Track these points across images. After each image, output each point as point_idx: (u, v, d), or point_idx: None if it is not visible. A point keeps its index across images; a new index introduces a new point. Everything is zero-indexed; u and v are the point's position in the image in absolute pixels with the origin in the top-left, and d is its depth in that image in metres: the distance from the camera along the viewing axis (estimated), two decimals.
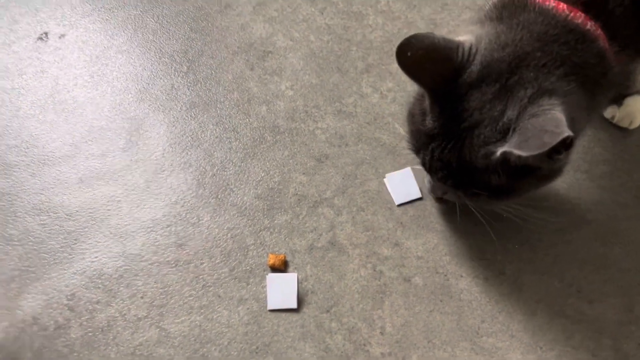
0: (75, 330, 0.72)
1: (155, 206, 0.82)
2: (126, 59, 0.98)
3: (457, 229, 0.79)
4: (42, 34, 1.01)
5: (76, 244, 0.79)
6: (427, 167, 0.67)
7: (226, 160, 0.86)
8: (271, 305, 0.73)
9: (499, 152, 0.58)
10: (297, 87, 0.94)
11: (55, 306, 0.74)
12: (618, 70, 0.66)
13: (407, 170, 0.84)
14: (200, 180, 0.84)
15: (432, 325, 0.72)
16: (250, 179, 0.85)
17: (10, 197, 0.83)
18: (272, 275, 0.75)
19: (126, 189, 0.84)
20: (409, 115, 0.70)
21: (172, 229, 0.80)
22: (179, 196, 0.83)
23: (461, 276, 0.76)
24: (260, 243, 0.79)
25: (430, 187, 0.75)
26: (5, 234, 0.79)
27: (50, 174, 0.85)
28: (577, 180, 0.84)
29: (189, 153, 0.87)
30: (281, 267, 0.76)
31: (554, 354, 0.71)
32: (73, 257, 0.78)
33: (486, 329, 0.72)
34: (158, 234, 0.79)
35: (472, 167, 0.62)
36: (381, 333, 0.72)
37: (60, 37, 1.00)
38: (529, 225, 0.76)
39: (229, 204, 0.82)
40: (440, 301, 0.74)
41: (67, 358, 0.70)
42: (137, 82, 0.95)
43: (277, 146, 0.88)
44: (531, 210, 0.71)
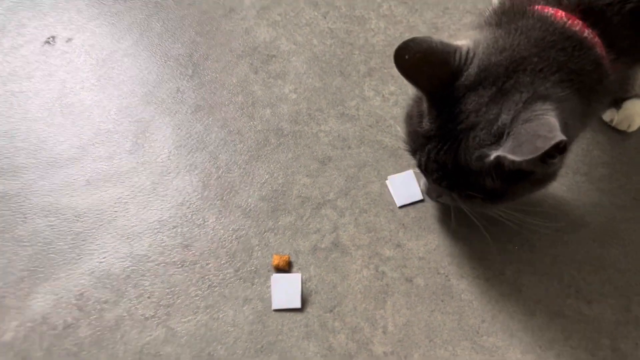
0: (83, 329, 0.74)
1: (161, 208, 0.84)
2: (132, 63, 0.99)
3: (458, 231, 0.80)
4: (49, 38, 1.02)
5: (84, 244, 0.80)
6: (423, 168, 0.69)
7: (231, 163, 0.88)
8: (276, 305, 0.75)
9: (493, 155, 0.59)
10: (301, 91, 0.95)
11: (64, 306, 0.75)
12: (614, 77, 0.67)
13: (408, 172, 0.86)
14: (206, 182, 0.86)
15: (434, 325, 0.74)
16: (254, 181, 0.86)
17: (19, 199, 0.84)
18: (276, 276, 0.76)
19: (133, 191, 0.85)
20: (407, 117, 0.71)
21: (178, 230, 0.81)
22: (184, 198, 0.84)
23: (462, 277, 0.78)
24: (265, 244, 0.80)
25: (425, 189, 0.76)
26: (15, 235, 0.81)
27: (58, 176, 0.87)
28: (576, 182, 0.85)
29: (195, 155, 0.89)
30: (285, 267, 0.77)
31: (553, 353, 0.72)
32: (81, 257, 0.79)
33: (486, 329, 0.74)
34: (164, 235, 0.81)
35: (467, 169, 0.63)
36: (383, 332, 0.73)
37: (67, 41, 1.02)
38: (526, 229, 0.77)
39: (234, 206, 0.84)
40: (442, 301, 0.76)
41: (76, 356, 0.72)
42: (143, 86, 0.96)
43: (281, 149, 0.89)
44: (523, 215, 0.72)
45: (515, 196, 0.67)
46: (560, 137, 0.54)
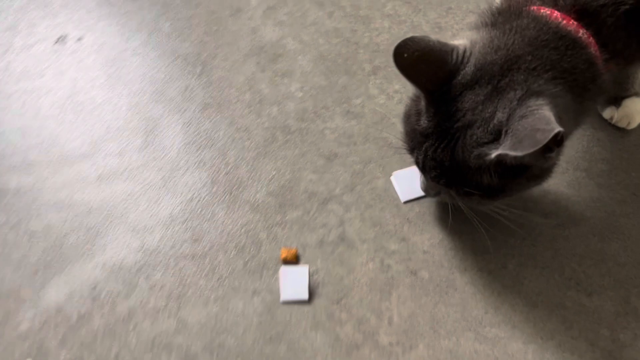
0: (97, 320, 0.75)
1: (171, 202, 0.86)
2: (141, 61, 1.01)
3: (461, 226, 0.82)
4: (60, 37, 1.04)
5: (97, 238, 0.82)
6: (421, 166, 0.70)
7: (239, 159, 0.90)
8: (284, 297, 0.77)
9: (494, 154, 0.60)
10: (307, 89, 0.97)
11: (77, 297, 0.77)
12: (607, 77, 0.68)
13: (413, 168, 0.87)
14: (215, 178, 0.88)
15: (438, 316, 0.76)
16: (262, 176, 0.88)
17: (33, 194, 0.87)
18: (284, 268, 0.78)
19: (143, 186, 0.87)
20: (405, 116, 0.72)
21: (188, 225, 0.83)
22: (194, 193, 0.87)
23: (465, 270, 0.80)
24: (273, 238, 0.82)
25: (423, 186, 0.78)
26: (29, 229, 0.83)
27: (70, 172, 0.89)
28: (577, 178, 0.87)
29: (204, 152, 0.91)
30: (293, 260, 0.79)
31: (554, 343, 0.74)
32: (94, 251, 0.81)
33: (489, 320, 0.75)
34: (175, 229, 0.83)
35: (465, 167, 0.64)
36: (389, 323, 0.75)
37: (77, 40, 1.04)
38: (527, 225, 0.79)
39: (242, 201, 0.86)
40: (446, 293, 0.78)
41: (90, 346, 0.73)
42: (153, 84, 0.98)
43: (287, 145, 0.91)
44: (524, 211, 0.74)
45: (512, 192, 0.68)
46: (558, 128, 0.55)
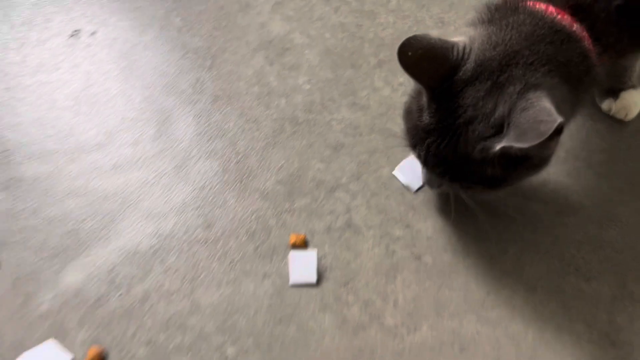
0: (114, 302, 0.79)
1: (184, 190, 0.89)
2: (153, 55, 1.04)
3: (464, 213, 0.85)
4: (74, 31, 1.08)
5: (113, 224, 0.85)
6: (423, 161, 0.72)
7: (249, 149, 0.93)
8: (293, 280, 0.80)
9: (498, 147, 0.62)
10: (314, 82, 1.00)
11: (95, 280, 0.80)
12: (600, 69, 0.71)
13: (411, 157, 0.89)
14: (226, 166, 0.91)
15: (441, 299, 0.79)
16: (271, 165, 0.91)
17: (51, 181, 0.90)
18: (293, 252, 0.81)
19: (157, 175, 0.90)
20: (406, 113, 0.74)
21: (201, 211, 0.86)
22: (206, 181, 0.90)
23: (467, 255, 0.82)
24: (282, 224, 0.85)
25: (426, 179, 0.80)
26: (48, 215, 0.86)
27: (86, 161, 0.92)
28: (576, 168, 0.90)
29: (215, 142, 0.94)
30: (302, 245, 0.82)
31: (553, 325, 0.76)
32: (110, 236, 0.84)
33: (491, 303, 0.78)
34: (188, 215, 0.86)
35: (469, 161, 0.66)
36: (394, 306, 0.78)
37: (91, 35, 1.07)
38: (527, 214, 0.81)
39: (252, 189, 0.89)
40: (448, 277, 0.80)
41: (107, 327, 0.77)
42: (164, 77, 1.01)
43: (296, 136, 0.94)
44: (525, 200, 0.76)
45: (513, 181, 0.70)
46: (559, 118, 0.58)
